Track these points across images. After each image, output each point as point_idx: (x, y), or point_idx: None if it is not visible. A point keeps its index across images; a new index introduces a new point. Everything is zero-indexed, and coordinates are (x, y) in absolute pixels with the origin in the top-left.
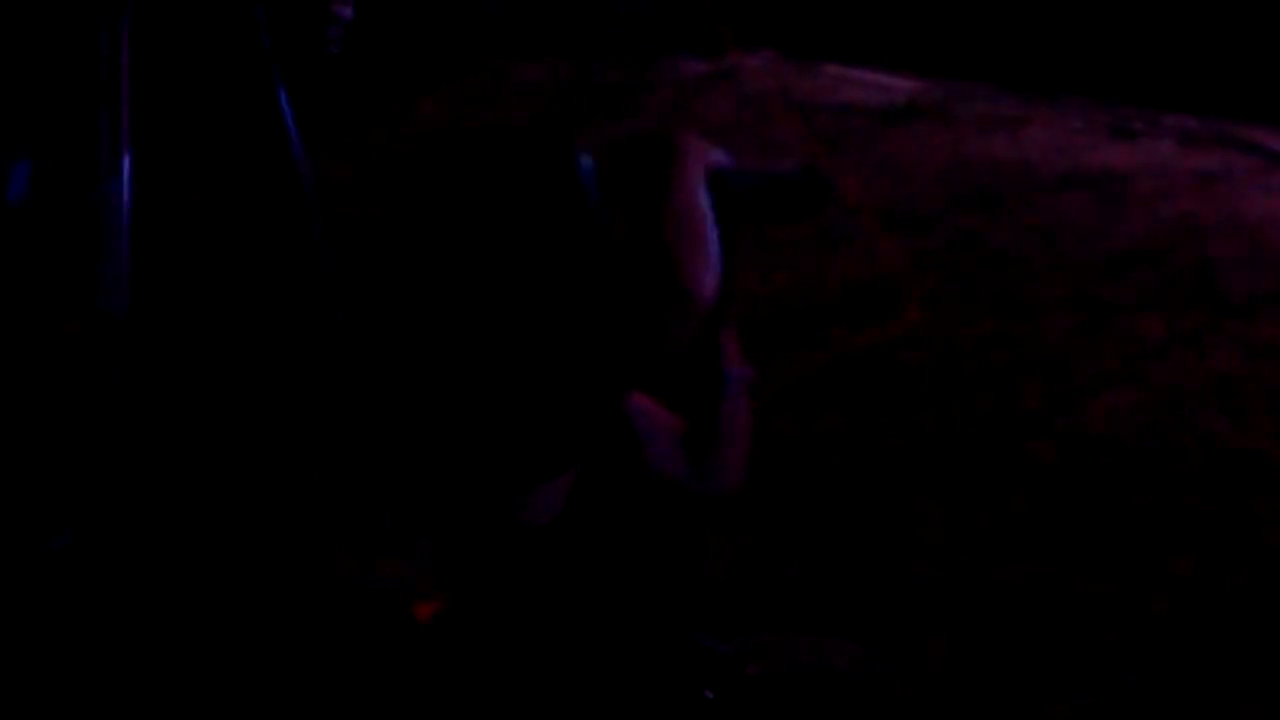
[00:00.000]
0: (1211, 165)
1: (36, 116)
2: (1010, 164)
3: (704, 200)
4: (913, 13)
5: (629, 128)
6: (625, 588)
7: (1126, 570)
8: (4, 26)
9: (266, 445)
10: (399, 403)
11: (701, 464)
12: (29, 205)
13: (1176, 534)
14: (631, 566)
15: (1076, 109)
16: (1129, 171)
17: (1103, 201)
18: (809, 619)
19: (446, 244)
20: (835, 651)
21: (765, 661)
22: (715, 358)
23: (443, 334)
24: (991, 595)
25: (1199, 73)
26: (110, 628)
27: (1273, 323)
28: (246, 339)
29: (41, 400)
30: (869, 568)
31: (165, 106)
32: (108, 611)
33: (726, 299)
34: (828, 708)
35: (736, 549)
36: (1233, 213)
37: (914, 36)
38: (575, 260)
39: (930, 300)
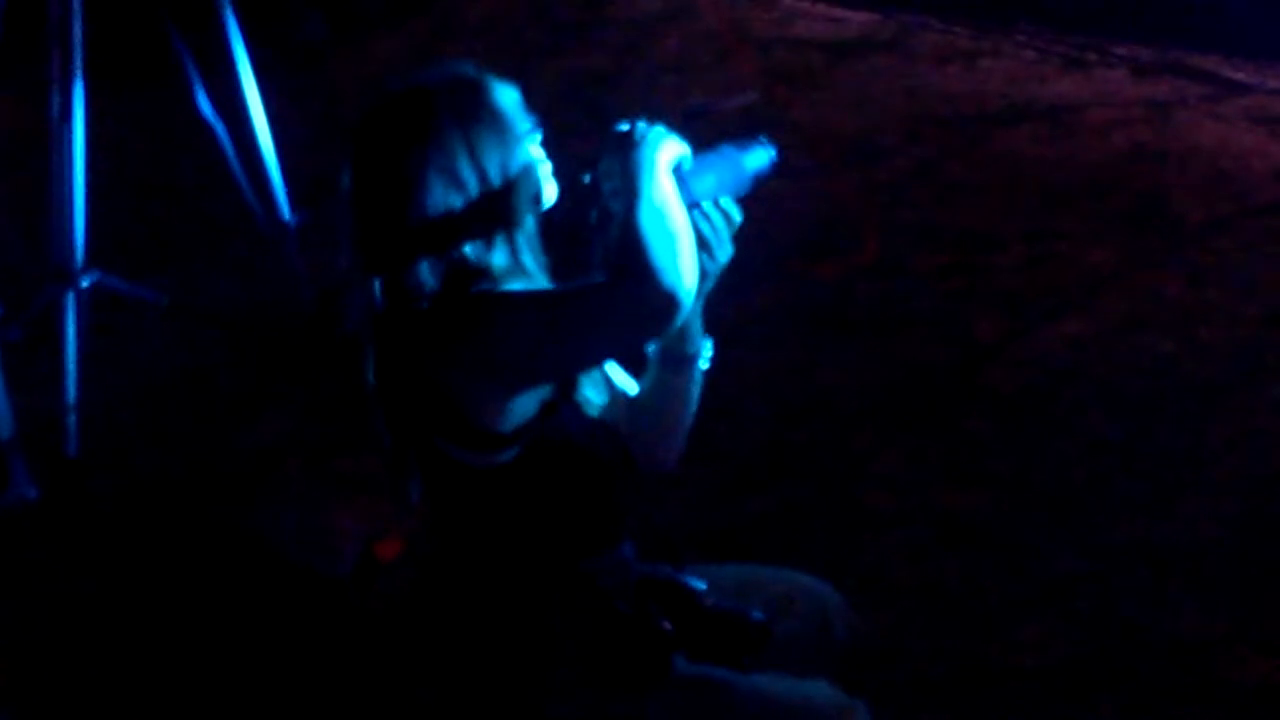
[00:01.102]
0: (1164, 94)
1: None
2: (964, 96)
3: (673, 195)
4: None
5: (583, 65)
6: (588, 520)
7: (1082, 496)
8: None
9: None
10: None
11: (644, 432)
12: None
13: (1132, 461)
14: (591, 500)
15: (1029, 40)
16: (1082, 102)
17: (1056, 132)
18: (770, 551)
19: None
20: (796, 583)
21: (723, 593)
22: (681, 337)
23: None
24: (949, 524)
25: (1151, 1)
26: None
27: (1224, 249)
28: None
29: None
30: (828, 499)
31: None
32: None
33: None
34: (788, 641)
35: (696, 481)
36: (1185, 141)
37: None
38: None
39: (886, 232)
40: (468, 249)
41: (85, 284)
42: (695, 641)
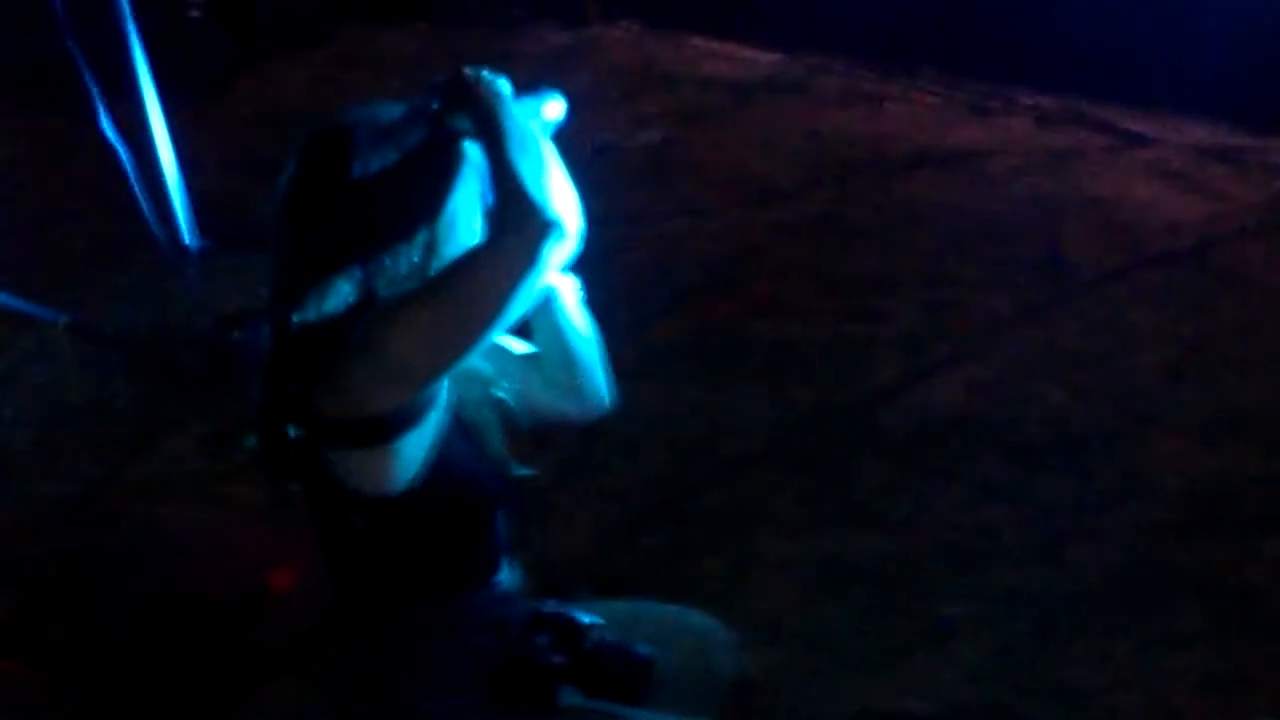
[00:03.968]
0: (1065, 144)
1: None
2: (868, 140)
3: (533, 126)
4: None
5: None
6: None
7: (971, 541)
8: None
9: None
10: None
11: (563, 383)
12: None
13: (1021, 507)
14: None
15: (934, 86)
16: (984, 149)
17: (958, 179)
18: (662, 589)
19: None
20: (686, 620)
21: (611, 629)
22: None
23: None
24: (839, 565)
25: (1055, 51)
26: None
27: (1118, 300)
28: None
29: None
30: (720, 538)
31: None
32: None
33: None
34: (672, 677)
35: (589, 518)
36: (1084, 192)
37: (776, 10)
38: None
39: (786, 274)
40: (386, 255)
41: None
42: (582, 675)
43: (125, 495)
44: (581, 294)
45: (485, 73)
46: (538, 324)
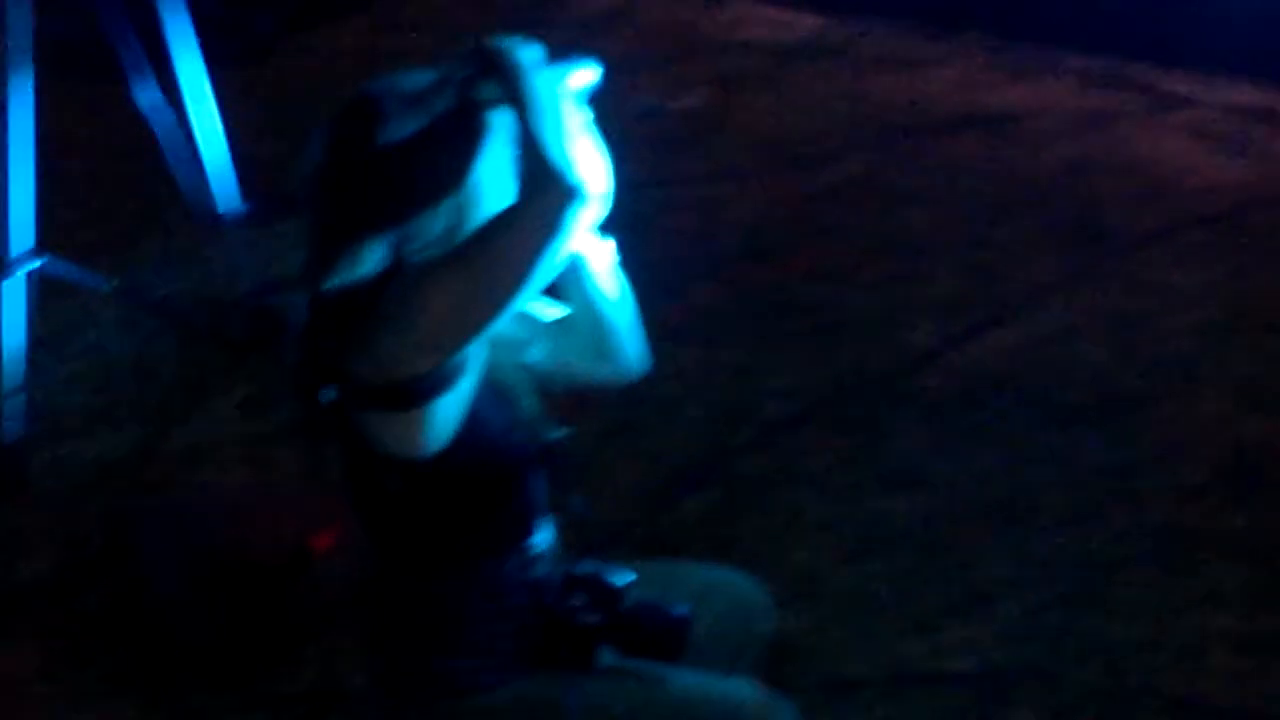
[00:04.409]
0: (1107, 106)
1: None
2: (910, 103)
3: (562, 91)
4: None
5: None
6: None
7: (1011, 503)
8: None
9: None
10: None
11: (597, 347)
12: None
13: (1061, 470)
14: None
15: (977, 48)
16: (1026, 111)
17: (999, 141)
18: (702, 551)
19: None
20: (722, 580)
21: (648, 589)
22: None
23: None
24: (879, 527)
25: (1097, 11)
26: None
27: (1160, 261)
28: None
29: None
30: (761, 500)
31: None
32: None
33: None
34: (712, 636)
35: (630, 480)
36: (1125, 153)
37: None
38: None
39: (827, 237)
40: (415, 221)
41: (33, 267)
42: (618, 635)
43: (170, 458)
44: (617, 257)
45: (513, 40)
46: (568, 288)
